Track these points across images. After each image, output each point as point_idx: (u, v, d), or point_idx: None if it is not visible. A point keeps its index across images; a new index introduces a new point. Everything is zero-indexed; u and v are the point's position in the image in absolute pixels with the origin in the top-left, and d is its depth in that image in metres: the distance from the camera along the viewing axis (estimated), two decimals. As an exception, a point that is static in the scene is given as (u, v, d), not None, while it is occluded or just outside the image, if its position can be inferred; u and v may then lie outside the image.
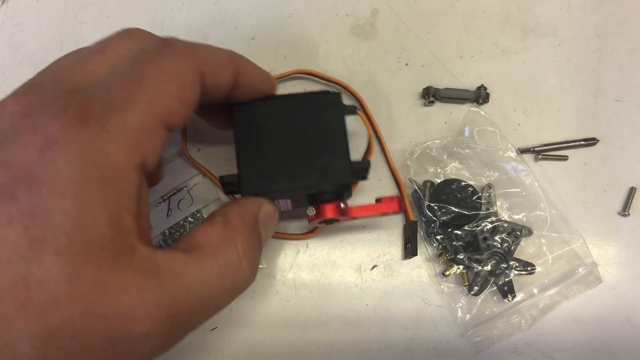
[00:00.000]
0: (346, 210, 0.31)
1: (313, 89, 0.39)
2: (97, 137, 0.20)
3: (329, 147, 0.30)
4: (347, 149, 0.30)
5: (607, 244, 0.38)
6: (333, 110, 0.31)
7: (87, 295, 0.19)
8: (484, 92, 0.40)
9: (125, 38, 0.26)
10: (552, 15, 0.43)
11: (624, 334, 0.37)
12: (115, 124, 0.21)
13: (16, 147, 0.19)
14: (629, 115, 0.41)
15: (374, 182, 0.39)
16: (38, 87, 0.22)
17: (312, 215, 0.31)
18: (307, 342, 0.36)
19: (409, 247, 0.36)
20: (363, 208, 0.32)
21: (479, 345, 0.36)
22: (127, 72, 0.23)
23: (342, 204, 0.31)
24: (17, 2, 0.43)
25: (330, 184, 0.30)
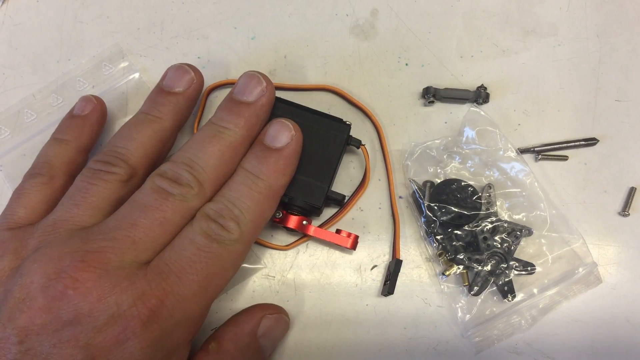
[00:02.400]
0: (306, 227, 0.35)
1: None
2: (166, 327, 0.25)
3: (317, 169, 0.34)
4: (330, 177, 0.34)
5: (607, 244, 0.38)
6: (338, 138, 0.35)
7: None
8: (484, 92, 0.40)
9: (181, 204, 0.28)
10: (552, 15, 0.43)
11: (624, 334, 0.37)
12: (182, 316, 0.25)
13: (95, 331, 0.23)
14: (629, 115, 0.41)
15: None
16: (105, 257, 0.25)
17: (276, 219, 0.35)
18: (307, 342, 0.36)
19: (387, 284, 0.36)
20: (321, 232, 0.35)
21: (479, 345, 0.36)
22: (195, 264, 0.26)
23: (305, 221, 0.35)
24: (17, 2, 0.43)
25: (301, 201, 0.34)
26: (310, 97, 0.40)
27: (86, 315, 0.23)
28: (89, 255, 0.24)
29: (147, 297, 0.24)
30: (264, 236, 0.38)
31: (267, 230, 0.38)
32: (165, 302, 0.24)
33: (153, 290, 0.24)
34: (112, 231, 0.26)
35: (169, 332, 0.25)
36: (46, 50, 0.41)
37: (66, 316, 0.23)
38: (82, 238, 0.26)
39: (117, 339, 0.23)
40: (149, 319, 0.24)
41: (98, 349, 0.23)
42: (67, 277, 0.24)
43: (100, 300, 0.23)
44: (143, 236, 0.26)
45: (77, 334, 0.23)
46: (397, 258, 0.36)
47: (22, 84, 0.41)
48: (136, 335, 0.23)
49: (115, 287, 0.24)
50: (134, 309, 0.24)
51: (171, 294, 0.25)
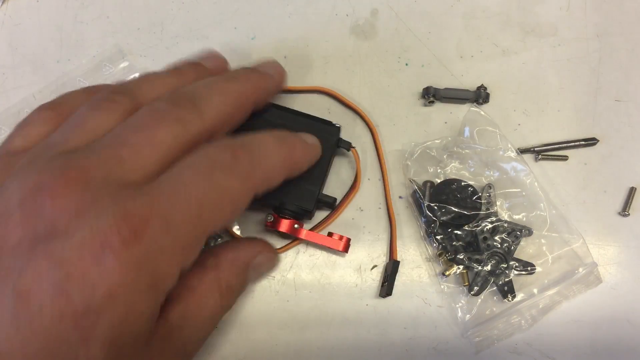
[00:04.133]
0: (297, 231, 0.35)
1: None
2: (150, 251, 0.22)
3: (307, 172, 0.32)
4: (321, 180, 0.34)
5: (607, 244, 0.38)
6: (328, 141, 0.34)
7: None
8: (484, 92, 0.40)
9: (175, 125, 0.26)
10: (552, 15, 0.43)
11: (624, 334, 0.37)
12: (169, 242, 0.22)
13: (71, 246, 0.21)
14: (629, 115, 0.41)
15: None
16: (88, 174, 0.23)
17: (268, 222, 0.35)
18: (307, 342, 0.36)
19: (385, 285, 0.36)
20: (312, 235, 0.35)
21: (479, 345, 0.36)
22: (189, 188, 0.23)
23: (296, 224, 0.35)
24: (17, 2, 0.43)
25: (293, 205, 0.34)
26: (305, 99, 0.40)
27: (62, 230, 0.21)
28: (71, 171, 0.22)
29: (130, 216, 0.21)
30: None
31: (258, 235, 0.38)
32: (150, 223, 0.22)
33: (138, 209, 0.22)
34: (98, 149, 0.24)
35: (153, 257, 0.22)
36: (46, 50, 0.41)
37: (42, 231, 0.21)
38: (67, 156, 0.24)
39: (94, 258, 0.21)
40: (131, 239, 0.21)
41: (73, 266, 0.20)
42: (45, 191, 0.22)
43: (78, 215, 0.21)
44: (132, 154, 0.24)
45: (52, 249, 0.21)
46: (394, 259, 0.36)
47: (22, 84, 0.41)
48: (115, 255, 0.21)
49: (96, 203, 0.22)
50: (114, 227, 0.21)
51: (158, 215, 0.22)
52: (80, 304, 0.20)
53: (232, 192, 0.25)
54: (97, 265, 0.20)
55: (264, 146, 0.28)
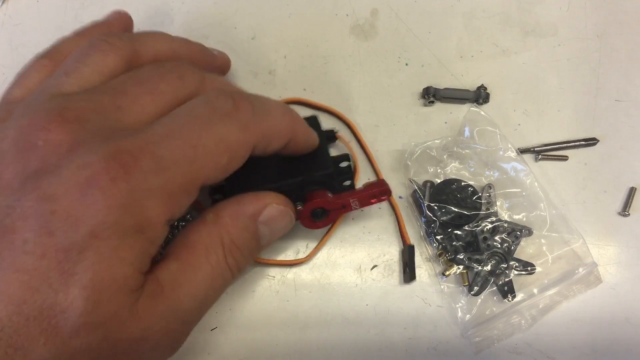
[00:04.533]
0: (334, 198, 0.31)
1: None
2: (138, 190, 0.21)
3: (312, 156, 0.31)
4: (328, 153, 0.33)
5: (607, 244, 0.38)
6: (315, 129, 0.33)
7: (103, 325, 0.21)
8: (484, 92, 0.40)
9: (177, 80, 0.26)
10: (552, 15, 0.43)
11: (624, 334, 0.37)
12: (158, 183, 0.22)
13: (59, 182, 0.20)
14: (629, 115, 0.41)
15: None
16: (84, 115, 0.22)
17: (300, 208, 0.31)
18: (307, 342, 0.36)
19: (407, 272, 0.36)
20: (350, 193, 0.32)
21: (479, 345, 0.36)
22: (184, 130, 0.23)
23: (328, 193, 0.31)
24: (17, 2, 0.43)
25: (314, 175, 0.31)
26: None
27: (53, 165, 0.21)
28: (67, 112, 0.22)
29: (120, 153, 0.21)
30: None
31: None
32: (139, 161, 0.21)
33: (129, 147, 0.21)
34: (97, 94, 0.24)
35: (140, 198, 0.21)
36: (46, 50, 0.41)
37: (33, 167, 0.21)
38: (65, 98, 0.23)
39: (79, 194, 0.20)
40: (118, 175, 0.20)
41: (59, 202, 0.20)
42: (39, 129, 0.21)
43: (70, 152, 0.21)
44: (130, 103, 0.23)
45: (40, 184, 0.20)
46: (408, 244, 0.36)
47: (22, 84, 0.41)
48: (102, 189, 0.20)
49: (88, 140, 0.21)
50: (103, 162, 0.20)
51: (149, 154, 0.21)
52: (63, 242, 0.20)
53: (230, 139, 0.24)
54: (82, 201, 0.20)
55: (268, 105, 0.27)
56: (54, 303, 0.20)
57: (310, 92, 0.41)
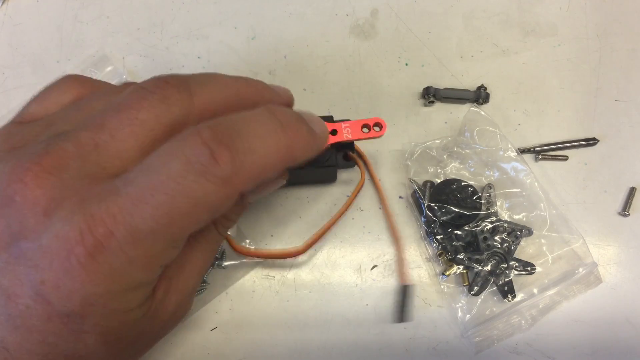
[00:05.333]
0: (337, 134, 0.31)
1: None
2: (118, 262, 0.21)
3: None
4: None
5: (607, 244, 0.38)
6: None
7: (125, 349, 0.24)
8: (484, 92, 0.40)
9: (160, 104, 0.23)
10: (552, 15, 0.43)
11: (624, 334, 0.37)
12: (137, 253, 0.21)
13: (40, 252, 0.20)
14: (629, 115, 0.41)
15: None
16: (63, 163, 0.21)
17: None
18: (307, 342, 0.36)
19: (403, 310, 0.36)
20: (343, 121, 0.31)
21: (479, 345, 0.36)
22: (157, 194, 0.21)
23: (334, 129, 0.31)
24: (17, 2, 0.43)
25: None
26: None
27: (31, 229, 0.20)
28: (47, 158, 0.21)
29: (95, 223, 0.20)
30: (263, 240, 0.38)
31: (266, 230, 0.38)
32: (115, 234, 0.20)
33: (102, 215, 0.20)
34: (77, 131, 0.22)
35: (123, 268, 0.21)
36: (46, 50, 0.41)
37: (14, 227, 0.21)
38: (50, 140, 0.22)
39: (62, 267, 0.20)
40: (95, 249, 0.20)
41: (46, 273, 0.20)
42: (17, 182, 0.21)
43: (45, 214, 0.20)
44: (108, 139, 0.22)
45: (25, 252, 0.20)
46: (405, 284, 0.36)
47: (22, 84, 0.41)
48: (82, 265, 0.20)
49: (65, 201, 0.21)
50: (78, 233, 0.20)
51: (122, 224, 0.20)
52: (62, 309, 0.20)
53: (208, 198, 0.22)
54: (67, 275, 0.20)
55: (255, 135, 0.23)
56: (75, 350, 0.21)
57: (310, 92, 0.41)
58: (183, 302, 0.26)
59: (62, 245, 0.20)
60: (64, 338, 0.21)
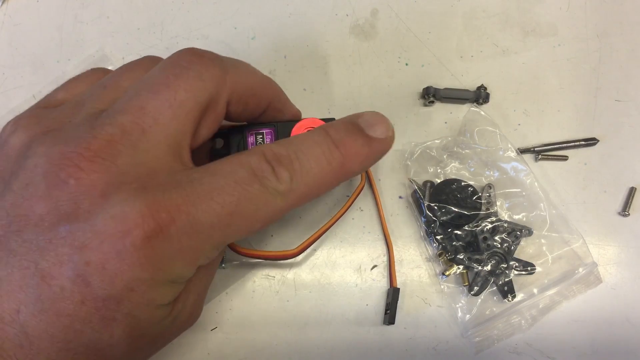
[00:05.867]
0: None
1: None
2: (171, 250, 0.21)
3: None
4: None
5: (607, 244, 0.38)
6: None
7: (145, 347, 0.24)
8: (484, 92, 0.40)
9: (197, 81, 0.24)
10: (552, 15, 0.43)
11: (624, 334, 0.37)
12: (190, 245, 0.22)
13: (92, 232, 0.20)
14: (629, 115, 0.41)
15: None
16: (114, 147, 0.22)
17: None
18: (307, 342, 0.36)
19: (388, 313, 0.36)
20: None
21: (479, 345, 0.36)
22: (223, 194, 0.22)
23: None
24: (17, 2, 0.43)
25: None
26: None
27: (86, 211, 0.20)
28: (96, 143, 0.21)
29: (157, 208, 0.20)
30: (264, 240, 0.38)
31: (266, 230, 0.38)
32: (176, 221, 0.21)
33: (166, 202, 0.21)
34: (119, 115, 0.22)
35: (173, 257, 0.21)
36: (46, 50, 0.41)
37: (65, 209, 0.20)
38: (91, 123, 0.22)
39: (114, 248, 0.20)
40: (154, 233, 0.20)
41: (93, 253, 0.20)
42: (70, 165, 0.21)
43: (103, 197, 0.20)
44: (152, 123, 0.22)
45: (74, 232, 0.20)
46: (394, 286, 0.36)
47: (22, 84, 0.41)
48: (136, 247, 0.20)
49: (124, 185, 0.21)
50: (139, 216, 0.20)
51: (186, 214, 0.21)
52: (100, 292, 0.20)
53: (268, 208, 0.23)
54: (117, 257, 0.20)
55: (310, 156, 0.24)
56: (99, 340, 0.21)
57: (310, 92, 0.41)
58: (197, 305, 0.26)
59: (119, 226, 0.20)
60: (92, 325, 0.20)
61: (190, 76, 0.24)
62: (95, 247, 0.20)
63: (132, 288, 0.21)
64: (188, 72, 0.24)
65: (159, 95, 0.23)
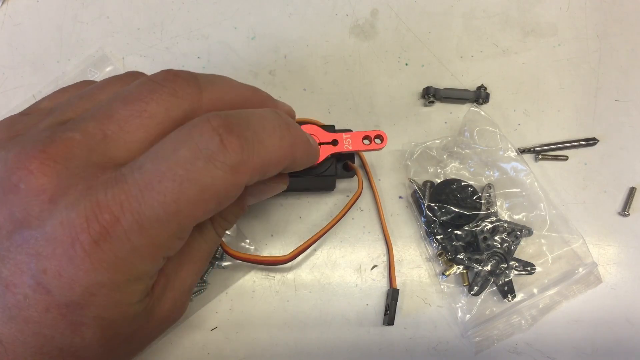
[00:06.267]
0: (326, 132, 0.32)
1: None
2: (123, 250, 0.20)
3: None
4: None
5: (607, 244, 0.38)
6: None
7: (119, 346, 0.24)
8: (484, 92, 0.40)
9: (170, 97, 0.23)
10: (552, 15, 0.43)
11: (624, 334, 0.37)
12: (142, 242, 0.21)
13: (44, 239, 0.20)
14: (629, 115, 0.41)
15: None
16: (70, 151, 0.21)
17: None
18: (307, 342, 0.36)
19: (388, 314, 0.36)
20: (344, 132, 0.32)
21: (479, 345, 0.36)
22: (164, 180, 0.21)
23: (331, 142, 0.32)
24: (17, 2, 0.43)
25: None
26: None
27: (35, 217, 0.20)
28: (52, 146, 0.21)
29: (101, 210, 0.20)
30: (263, 240, 0.38)
31: (266, 230, 0.38)
32: (121, 221, 0.20)
33: (109, 202, 0.20)
34: (84, 122, 0.22)
35: (127, 257, 0.21)
36: (46, 50, 0.41)
37: (18, 215, 0.20)
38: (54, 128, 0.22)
39: (66, 255, 0.20)
40: (101, 236, 0.20)
41: (48, 261, 0.20)
42: (22, 169, 0.20)
43: (51, 202, 0.20)
44: (116, 129, 0.22)
45: (28, 239, 0.20)
46: (394, 287, 0.36)
47: (22, 84, 0.41)
48: (86, 253, 0.20)
49: (70, 189, 0.20)
50: (84, 222, 0.20)
51: (129, 212, 0.20)
52: (62, 299, 0.20)
53: (216, 185, 0.21)
54: (71, 263, 0.20)
55: (262, 133, 0.23)
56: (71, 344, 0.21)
57: (310, 92, 0.41)
58: (179, 301, 0.26)
59: (67, 232, 0.20)
60: (60, 330, 0.20)
61: (165, 92, 0.23)
62: (49, 255, 0.20)
63: (93, 293, 0.20)
64: (162, 89, 0.23)
65: (129, 106, 0.22)
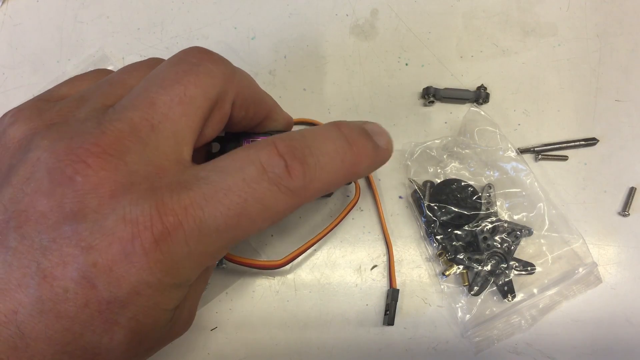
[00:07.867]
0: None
1: None
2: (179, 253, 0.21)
3: None
4: None
5: (607, 244, 0.38)
6: None
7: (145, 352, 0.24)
8: (484, 92, 0.40)
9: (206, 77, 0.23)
10: (552, 15, 0.43)
11: (624, 334, 0.37)
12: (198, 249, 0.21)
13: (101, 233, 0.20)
14: (629, 115, 0.41)
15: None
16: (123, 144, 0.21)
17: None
18: (307, 342, 0.36)
19: (388, 314, 0.36)
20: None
21: (479, 345, 0.36)
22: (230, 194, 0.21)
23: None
24: (17, 2, 0.43)
25: None
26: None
27: (93, 210, 0.20)
28: (104, 139, 0.21)
29: (166, 211, 0.20)
30: (264, 240, 0.38)
31: (266, 229, 0.38)
32: (184, 225, 0.20)
33: (174, 205, 0.20)
34: (126, 111, 0.22)
35: (180, 260, 0.21)
36: (46, 50, 0.41)
37: (70, 207, 0.20)
38: (98, 119, 0.22)
39: (122, 250, 0.19)
40: (162, 237, 0.20)
41: (101, 255, 0.19)
42: (77, 161, 0.20)
43: (112, 197, 0.20)
44: (162, 119, 0.22)
45: (80, 232, 0.19)
46: (394, 287, 0.36)
47: (22, 84, 0.41)
48: (145, 251, 0.20)
49: (134, 187, 0.20)
50: (148, 218, 0.20)
51: (192, 217, 0.20)
52: (106, 294, 0.20)
53: (277, 207, 0.22)
54: (125, 259, 0.20)
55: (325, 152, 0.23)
56: (98, 344, 0.20)
57: (310, 92, 0.41)
58: (193, 310, 0.26)
59: (128, 229, 0.20)
60: (93, 328, 0.20)
61: (201, 72, 0.23)
62: (103, 249, 0.19)
63: (138, 291, 0.20)
64: (198, 68, 0.23)
65: (169, 91, 0.22)
